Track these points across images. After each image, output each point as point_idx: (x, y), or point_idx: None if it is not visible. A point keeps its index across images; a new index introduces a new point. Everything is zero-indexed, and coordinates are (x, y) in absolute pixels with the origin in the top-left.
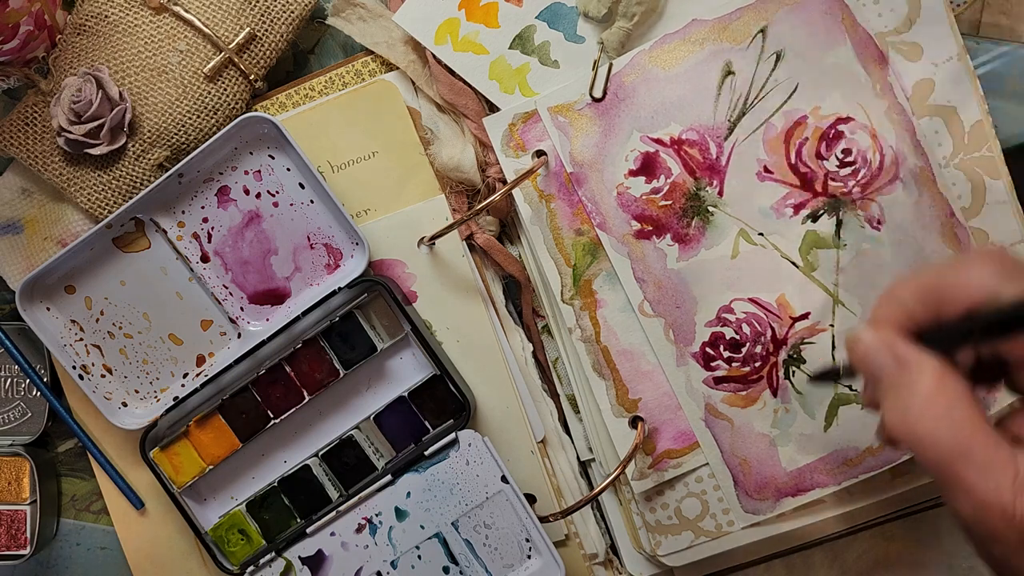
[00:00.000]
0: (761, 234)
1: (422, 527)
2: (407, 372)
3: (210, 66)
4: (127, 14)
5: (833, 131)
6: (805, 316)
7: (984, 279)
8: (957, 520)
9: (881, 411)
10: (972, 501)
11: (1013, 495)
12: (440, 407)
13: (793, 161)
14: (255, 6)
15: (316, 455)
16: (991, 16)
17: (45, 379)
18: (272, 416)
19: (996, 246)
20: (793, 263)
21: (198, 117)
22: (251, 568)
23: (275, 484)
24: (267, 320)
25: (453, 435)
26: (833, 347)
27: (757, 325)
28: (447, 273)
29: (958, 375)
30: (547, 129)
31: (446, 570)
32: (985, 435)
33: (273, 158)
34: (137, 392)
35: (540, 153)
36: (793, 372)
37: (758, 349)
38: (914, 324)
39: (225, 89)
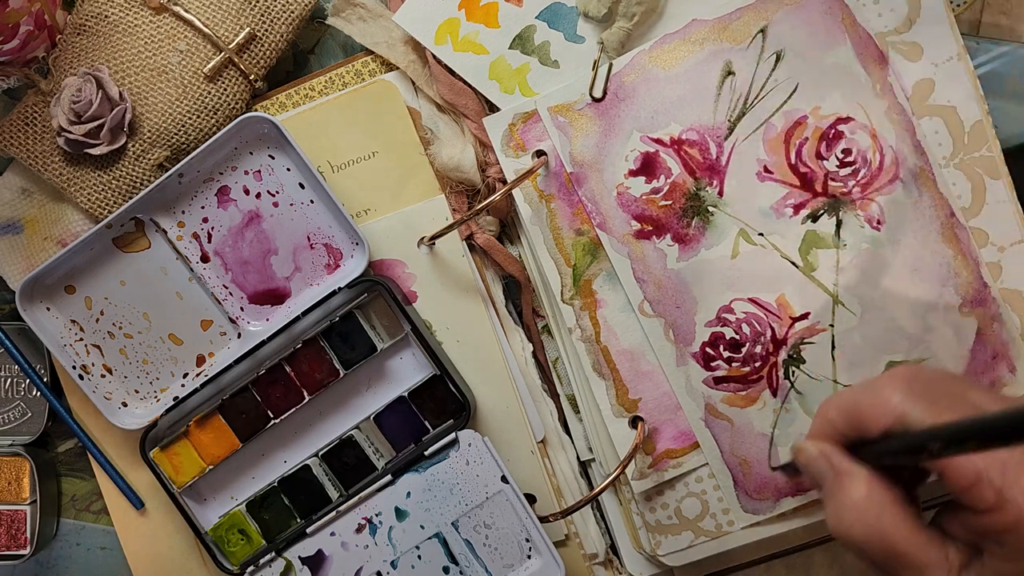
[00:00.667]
0: (761, 234)
1: (422, 527)
2: (407, 372)
3: (210, 66)
4: (127, 14)
5: (833, 131)
6: (805, 316)
7: (893, 402)
8: None
9: (825, 514)
10: None
11: None
12: (440, 407)
13: (793, 161)
14: (255, 6)
15: (316, 455)
16: (991, 16)
17: (45, 379)
18: (272, 416)
19: (906, 366)
20: (793, 263)
21: (198, 117)
22: (251, 568)
23: (275, 484)
24: (267, 320)
25: (453, 435)
26: (833, 347)
27: (757, 325)
28: (447, 273)
29: (888, 483)
30: (547, 129)
31: (446, 570)
32: (917, 537)
33: (273, 158)
34: (137, 392)
35: (540, 153)
36: (793, 372)
37: (758, 349)
38: (844, 439)
39: (225, 89)
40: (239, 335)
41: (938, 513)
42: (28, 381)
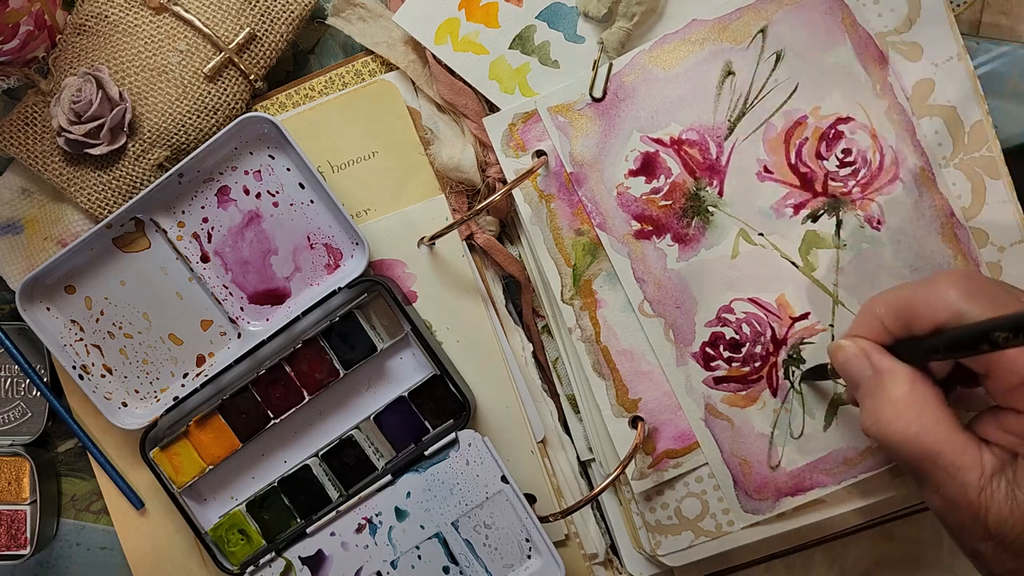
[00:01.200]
0: (761, 234)
1: (422, 527)
2: (407, 372)
3: (210, 66)
4: (127, 14)
5: (833, 131)
6: (805, 316)
7: (950, 299)
8: (934, 512)
9: (860, 413)
10: (942, 498)
11: (979, 492)
12: (440, 407)
13: (793, 161)
14: (255, 6)
15: (316, 455)
16: (991, 16)
17: (45, 379)
18: (272, 416)
19: (964, 267)
20: (793, 263)
21: (198, 117)
22: (251, 568)
23: (275, 484)
24: (267, 320)
25: (453, 435)
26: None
27: (757, 325)
28: (447, 273)
29: (929, 383)
30: (547, 129)
31: (446, 570)
32: (953, 438)
33: (273, 158)
34: (137, 392)
35: (540, 153)
36: (793, 372)
37: (758, 349)
38: (889, 336)
39: (225, 89)
40: (239, 335)
41: (974, 420)
42: (28, 381)
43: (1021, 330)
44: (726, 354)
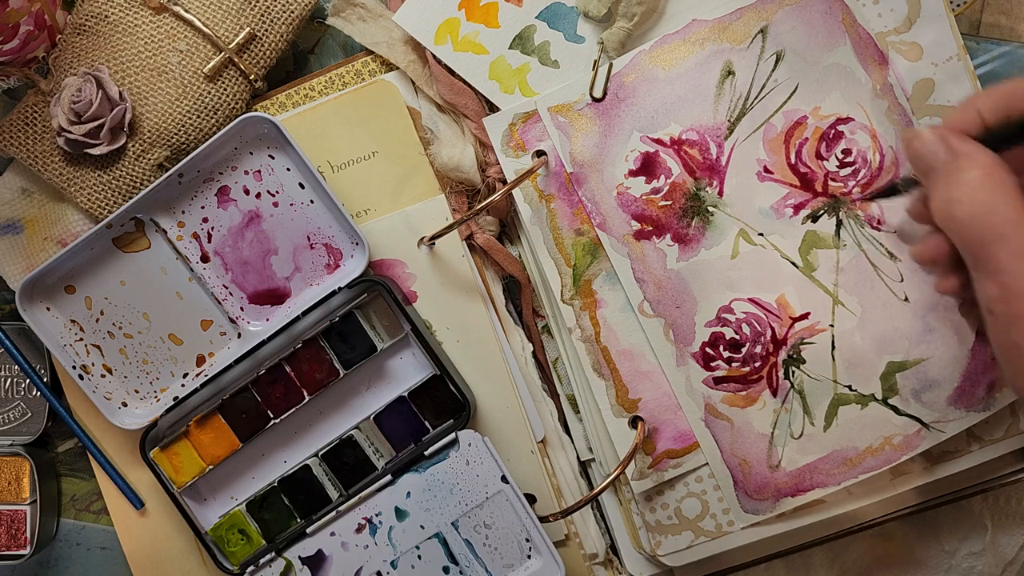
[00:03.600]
0: (761, 234)
1: (422, 527)
2: (407, 372)
3: (210, 66)
4: (127, 14)
5: (833, 131)
6: (805, 316)
7: None
8: (982, 303)
9: (929, 201)
10: (1000, 282)
11: None
12: (440, 407)
13: (793, 161)
14: (255, 6)
15: (316, 455)
16: (991, 16)
17: (45, 379)
18: (272, 416)
19: None
20: (793, 263)
21: (198, 117)
22: (251, 568)
23: (275, 484)
24: (267, 320)
25: (453, 435)
26: (833, 347)
27: (757, 325)
28: (447, 273)
29: (1008, 170)
30: (547, 129)
31: (446, 570)
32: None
33: (273, 158)
34: (137, 392)
35: (540, 153)
36: (793, 372)
37: (758, 349)
38: (983, 129)
39: (225, 89)
40: (239, 335)
41: None
42: (28, 381)
43: None
44: (726, 354)
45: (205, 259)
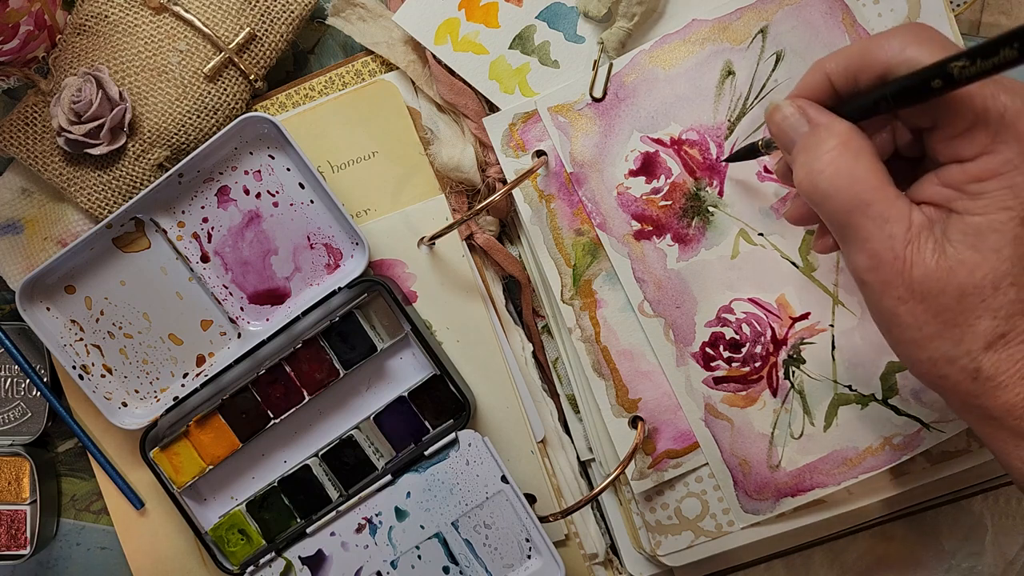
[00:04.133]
0: (761, 234)
1: (422, 527)
2: (407, 372)
3: (210, 66)
4: (127, 14)
5: None
6: (805, 316)
7: (899, 47)
8: (853, 274)
9: (793, 174)
10: (867, 250)
11: (905, 244)
12: (440, 407)
13: None
14: (255, 6)
15: (316, 455)
16: (991, 16)
17: (45, 379)
18: (272, 416)
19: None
20: (793, 263)
21: (198, 117)
22: (251, 568)
23: (275, 484)
24: (267, 320)
25: (453, 435)
26: (833, 347)
27: (757, 325)
28: (447, 273)
29: (864, 137)
30: (547, 129)
31: (446, 570)
32: (884, 190)
33: (273, 158)
34: (137, 392)
35: (540, 153)
36: (793, 372)
37: (758, 349)
38: (833, 93)
39: (225, 89)
40: (239, 335)
41: (913, 185)
42: (28, 381)
43: (979, 55)
44: (726, 354)
45: (205, 259)
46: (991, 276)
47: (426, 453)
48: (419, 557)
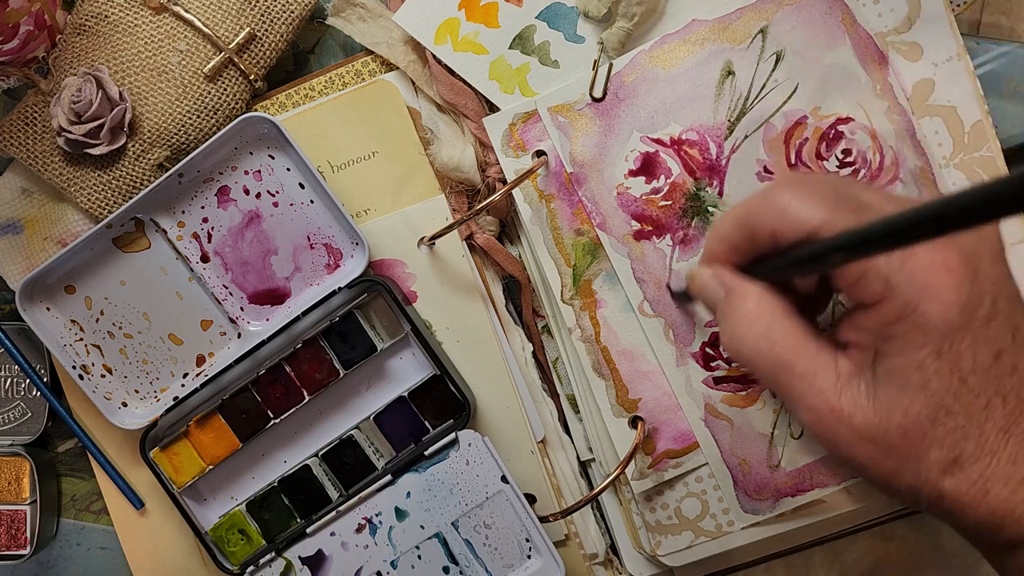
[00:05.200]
0: None
1: (422, 527)
2: (407, 372)
3: (210, 66)
4: (127, 14)
5: (833, 131)
6: None
7: (783, 203)
8: (806, 430)
9: (720, 334)
10: (805, 407)
11: (838, 396)
12: (440, 407)
13: (793, 161)
14: (255, 6)
15: (316, 455)
16: (991, 16)
17: (45, 379)
18: (272, 416)
19: (796, 174)
20: None
21: (198, 117)
22: (251, 568)
23: (275, 484)
24: (267, 320)
25: (453, 435)
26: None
27: None
28: (447, 273)
29: (777, 296)
30: (547, 129)
31: (446, 570)
32: (804, 346)
33: (273, 158)
34: (137, 392)
35: (540, 153)
36: None
37: None
38: (740, 255)
39: (225, 89)
40: (239, 335)
41: (834, 328)
42: (28, 381)
43: (853, 251)
44: (726, 354)
45: (205, 259)
46: (926, 412)
47: (426, 453)
48: (419, 557)
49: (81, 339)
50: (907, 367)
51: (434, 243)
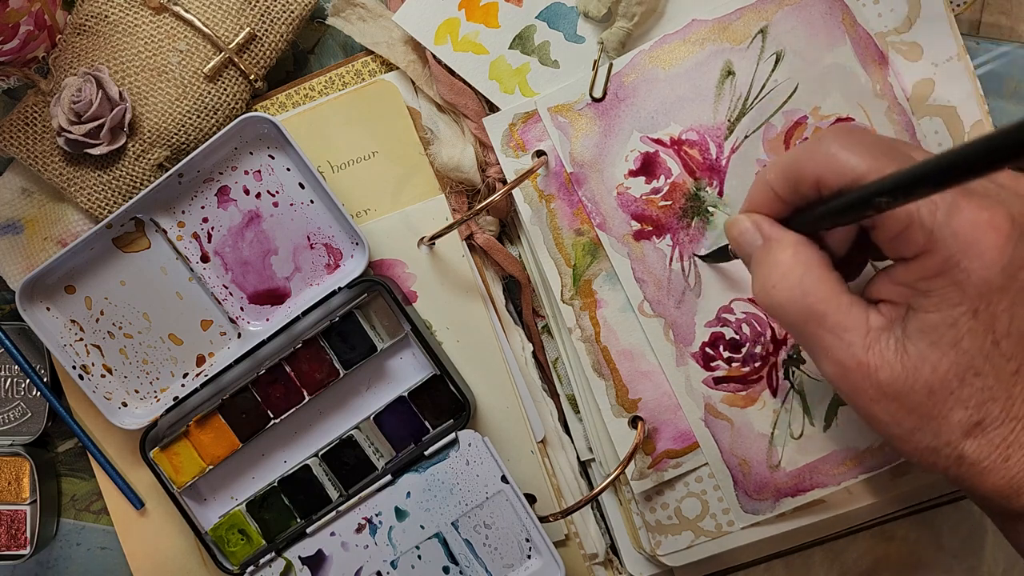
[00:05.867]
0: None
1: (422, 527)
2: (407, 372)
3: (210, 66)
4: (127, 14)
5: None
6: None
7: (831, 151)
8: (827, 380)
9: (752, 284)
10: (831, 360)
11: (866, 350)
12: (440, 407)
13: None
14: (255, 6)
15: (316, 455)
16: (991, 16)
17: (45, 379)
18: (272, 416)
19: (844, 124)
20: None
21: (198, 117)
22: (251, 568)
23: (275, 484)
24: (267, 320)
25: (453, 435)
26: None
27: (757, 325)
28: (447, 273)
29: (814, 248)
30: (547, 129)
31: (446, 570)
32: (838, 298)
33: (273, 158)
34: (137, 392)
35: (540, 153)
36: (793, 372)
37: (758, 349)
38: (783, 206)
39: (225, 89)
40: (239, 335)
41: (867, 284)
42: (28, 381)
43: (900, 192)
44: (726, 354)
45: (205, 259)
46: (955, 370)
47: (426, 453)
48: (419, 557)
49: (81, 339)
50: (941, 323)
51: (434, 243)
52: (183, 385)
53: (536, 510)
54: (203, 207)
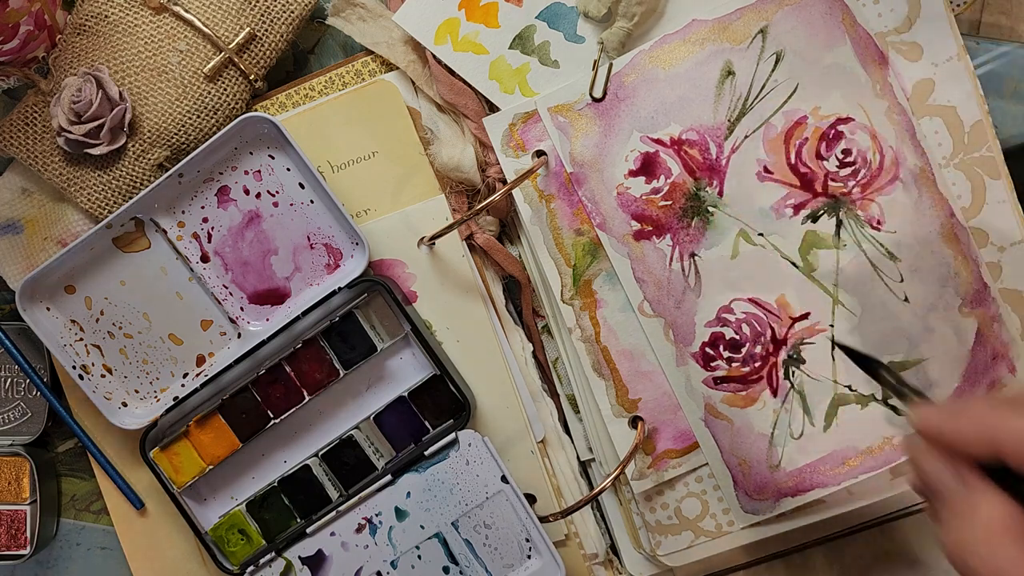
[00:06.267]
0: (761, 234)
1: (422, 527)
2: (407, 372)
3: (210, 66)
4: (127, 14)
5: (833, 131)
6: (805, 316)
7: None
8: None
9: (940, 532)
10: None
11: None
12: (440, 407)
13: (793, 161)
14: (255, 6)
15: (316, 455)
16: (991, 16)
17: (45, 379)
18: (272, 416)
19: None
20: (793, 263)
21: (198, 117)
22: (251, 568)
23: (275, 484)
24: (267, 320)
25: (453, 435)
26: (833, 347)
27: (757, 325)
28: (447, 273)
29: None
30: (547, 129)
31: (446, 570)
32: None
33: (273, 158)
34: (137, 392)
35: (540, 153)
36: (793, 372)
37: (758, 349)
38: (973, 457)
39: (225, 89)
40: (239, 335)
41: None
42: (28, 381)
43: None
44: (726, 354)
45: (205, 259)
46: None
47: (426, 453)
48: (419, 557)
49: (81, 339)
50: None
51: (434, 243)
52: (183, 385)
53: (536, 510)
54: (203, 207)
